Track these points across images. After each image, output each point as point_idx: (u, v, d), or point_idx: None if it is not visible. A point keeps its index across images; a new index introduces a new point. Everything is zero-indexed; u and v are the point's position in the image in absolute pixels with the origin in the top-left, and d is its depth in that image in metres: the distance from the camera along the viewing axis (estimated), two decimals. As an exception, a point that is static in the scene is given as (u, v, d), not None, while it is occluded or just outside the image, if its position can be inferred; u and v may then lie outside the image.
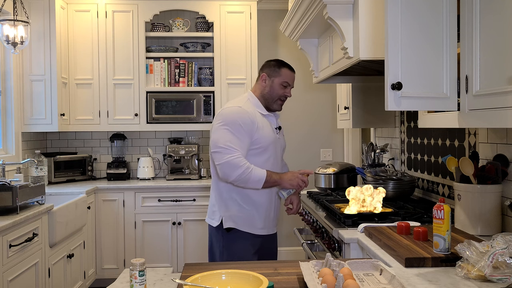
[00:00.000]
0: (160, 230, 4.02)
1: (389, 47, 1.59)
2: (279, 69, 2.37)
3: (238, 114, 2.24)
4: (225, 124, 2.22)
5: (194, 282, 1.32)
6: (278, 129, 2.41)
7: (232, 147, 2.18)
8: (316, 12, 2.36)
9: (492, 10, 1.44)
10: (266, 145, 2.28)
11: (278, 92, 2.35)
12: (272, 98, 2.36)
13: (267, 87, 2.36)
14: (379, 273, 1.45)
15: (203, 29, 4.37)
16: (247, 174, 2.16)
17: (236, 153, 2.17)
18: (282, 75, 2.36)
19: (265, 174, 2.20)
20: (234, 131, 2.20)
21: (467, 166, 1.98)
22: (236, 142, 2.19)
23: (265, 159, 2.29)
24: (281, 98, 2.37)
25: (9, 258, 2.50)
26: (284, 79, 2.36)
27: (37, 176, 3.79)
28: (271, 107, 2.38)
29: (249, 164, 2.18)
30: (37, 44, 3.88)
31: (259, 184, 2.21)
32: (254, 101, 2.35)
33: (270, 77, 2.37)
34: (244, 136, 2.21)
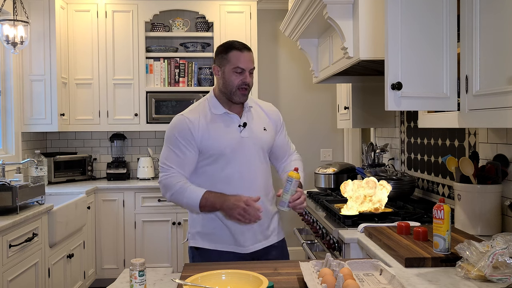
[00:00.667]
0: (160, 230, 4.02)
1: (389, 47, 1.59)
2: (226, 54, 1.95)
3: (175, 126, 1.97)
4: (165, 139, 2.01)
5: (194, 282, 1.32)
6: (243, 126, 1.99)
7: (167, 165, 1.96)
8: (316, 12, 2.36)
9: (492, 10, 1.44)
10: (219, 152, 1.94)
11: (233, 81, 1.94)
12: (229, 90, 1.96)
13: (220, 80, 1.98)
14: (379, 273, 1.45)
15: (203, 29, 4.37)
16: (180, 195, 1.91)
17: (169, 172, 1.95)
18: (230, 60, 1.94)
19: (199, 198, 1.87)
20: (171, 146, 1.96)
21: (467, 166, 1.97)
22: (173, 159, 1.95)
23: (221, 167, 1.96)
24: (240, 87, 1.94)
25: (9, 258, 2.50)
26: (234, 64, 1.93)
27: (37, 176, 3.79)
28: (233, 100, 1.98)
29: (182, 185, 1.91)
30: (37, 44, 3.88)
31: (195, 209, 1.91)
32: (211, 101, 2.02)
33: (220, 66, 1.97)
34: (183, 149, 1.94)
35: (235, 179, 1.96)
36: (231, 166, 1.96)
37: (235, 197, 1.85)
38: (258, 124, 2.05)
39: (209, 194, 1.89)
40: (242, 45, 1.96)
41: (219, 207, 1.87)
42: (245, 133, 2.00)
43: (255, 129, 2.03)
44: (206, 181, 1.98)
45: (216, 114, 1.99)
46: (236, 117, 2.01)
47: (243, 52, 1.95)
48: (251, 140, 2.00)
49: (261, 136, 2.04)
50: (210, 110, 1.99)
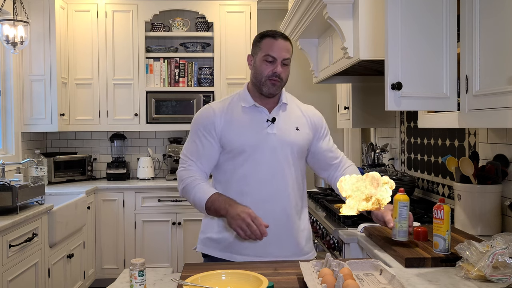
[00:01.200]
0: (160, 230, 4.02)
1: (389, 47, 1.59)
2: (259, 42, 1.81)
3: (200, 115, 1.86)
4: (190, 128, 1.89)
5: (194, 282, 1.32)
6: (271, 121, 1.82)
7: (186, 157, 1.83)
8: (316, 12, 2.36)
9: (492, 10, 1.44)
10: (238, 147, 1.78)
11: (262, 71, 1.78)
12: (259, 80, 1.80)
13: (252, 70, 1.84)
14: (379, 273, 1.45)
15: (203, 29, 4.37)
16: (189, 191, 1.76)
17: (186, 164, 1.82)
18: (262, 47, 1.79)
19: (206, 198, 1.69)
20: (193, 136, 1.84)
21: (467, 166, 1.97)
22: (192, 150, 1.82)
23: (239, 164, 1.79)
24: (270, 78, 1.78)
25: (9, 258, 2.50)
26: (265, 51, 1.77)
27: (37, 176, 3.79)
28: (262, 91, 1.81)
29: (193, 180, 1.76)
30: (37, 44, 3.88)
31: (201, 209, 1.74)
32: (242, 94, 1.87)
33: (254, 55, 1.84)
34: (204, 140, 1.81)
35: (253, 180, 1.79)
36: (250, 164, 1.78)
37: (242, 207, 1.62)
38: (290, 122, 1.86)
39: (218, 196, 1.70)
40: (278, 33, 1.80)
41: (223, 213, 1.65)
42: (273, 129, 1.80)
43: (285, 127, 1.83)
44: (226, 177, 1.83)
45: (244, 106, 1.83)
46: (265, 111, 1.83)
47: (277, 40, 1.78)
48: (278, 138, 1.81)
49: (291, 136, 1.83)
50: (239, 103, 1.84)
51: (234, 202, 1.66)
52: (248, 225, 1.57)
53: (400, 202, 1.68)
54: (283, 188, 1.81)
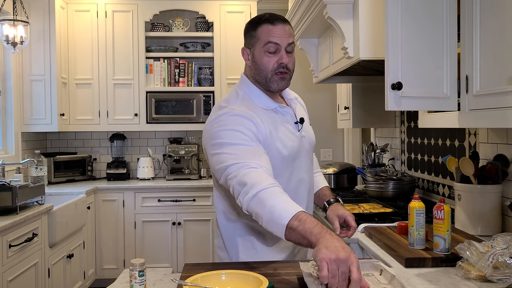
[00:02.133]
0: (160, 230, 4.02)
1: (389, 47, 1.59)
2: (255, 31, 1.53)
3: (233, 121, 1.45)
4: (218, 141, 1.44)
5: (194, 282, 1.32)
6: (299, 122, 1.58)
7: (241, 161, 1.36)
8: (316, 12, 2.36)
9: (492, 10, 1.44)
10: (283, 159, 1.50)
11: (266, 65, 1.51)
12: (263, 77, 1.53)
13: (252, 65, 1.56)
14: (379, 273, 1.45)
15: (203, 29, 4.37)
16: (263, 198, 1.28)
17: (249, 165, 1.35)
18: (260, 37, 1.51)
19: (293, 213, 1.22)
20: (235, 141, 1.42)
21: (467, 166, 1.97)
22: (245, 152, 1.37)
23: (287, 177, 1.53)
24: (277, 71, 1.52)
25: (9, 258, 2.50)
26: (265, 40, 1.50)
27: (37, 176, 3.79)
28: (271, 89, 1.54)
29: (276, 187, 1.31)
30: (37, 44, 3.88)
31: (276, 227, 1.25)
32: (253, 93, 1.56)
33: (250, 47, 1.56)
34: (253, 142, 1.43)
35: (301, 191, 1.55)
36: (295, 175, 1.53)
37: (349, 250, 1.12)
38: (306, 119, 1.65)
39: (308, 216, 1.23)
40: (274, 16, 1.52)
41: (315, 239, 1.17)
42: (303, 131, 1.60)
43: (305, 125, 1.63)
44: None
45: (266, 109, 1.53)
46: (289, 112, 1.58)
47: (276, 25, 1.49)
48: (307, 140, 1.62)
49: (312, 134, 1.68)
50: (258, 105, 1.52)
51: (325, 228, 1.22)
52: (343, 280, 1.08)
53: (416, 210, 1.66)
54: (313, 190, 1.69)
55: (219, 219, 1.61)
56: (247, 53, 1.58)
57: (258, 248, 1.54)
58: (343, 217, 1.55)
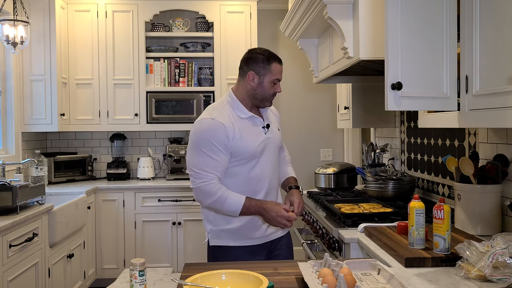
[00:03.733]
0: (160, 230, 4.02)
1: (389, 47, 1.59)
2: (268, 65, 2.02)
3: (209, 130, 1.96)
4: (196, 143, 1.97)
5: (194, 282, 1.32)
6: (266, 127, 2.10)
7: (204, 171, 1.94)
8: (316, 12, 2.36)
9: (492, 10, 1.44)
10: (250, 154, 2.00)
11: (269, 91, 2.05)
12: (263, 98, 2.06)
13: (257, 88, 2.04)
14: (377, 273, 1.45)
15: (203, 29, 4.37)
16: (220, 203, 1.94)
17: (208, 178, 1.94)
18: (272, 72, 2.03)
19: (241, 206, 1.94)
20: (207, 151, 1.94)
21: (467, 166, 1.97)
22: (210, 164, 1.94)
23: (250, 168, 2.03)
24: (272, 96, 2.09)
25: (9, 258, 2.50)
26: (275, 76, 2.04)
27: (37, 176, 3.79)
28: (262, 105, 2.09)
29: (223, 192, 1.94)
30: (37, 44, 3.88)
31: (235, 214, 1.98)
32: (234, 104, 2.05)
33: (260, 75, 2.03)
34: (219, 154, 1.95)
35: (260, 179, 2.06)
36: (258, 167, 2.04)
37: (276, 211, 1.95)
38: (274, 124, 2.17)
39: (250, 202, 1.96)
40: (279, 58, 2.08)
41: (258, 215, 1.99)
42: (269, 133, 2.10)
43: (274, 129, 2.15)
44: (235, 180, 2.03)
45: (241, 117, 2.04)
46: (259, 119, 2.09)
47: (281, 66, 2.08)
48: (273, 140, 2.12)
49: (277, 136, 2.17)
50: (236, 114, 2.04)
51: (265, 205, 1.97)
52: (285, 225, 1.96)
53: (416, 210, 1.68)
54: (276, 179, 2.18)
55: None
56: (255, 77, 2.04)
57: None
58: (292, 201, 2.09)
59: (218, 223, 2.07)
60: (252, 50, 2.09)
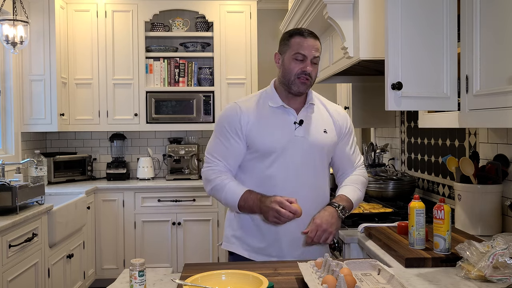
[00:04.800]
0: (160, 230, 4.01)
1: (389, 47, 1.59)
2: (288, 40, 1.79)
3: (226, 113, 1.83)
4: (215, 127, 1.86)
5: (194, 282, 1.32)
6: (299, 123, 1.80)
7: (212, 156, 1.82)
8: (316, 12, 2.36)
9: (492, 10, 1.44)
10: (266, 149, 1.77)
11: (292, 69, 1.76)
12: (287, 79, 1.78)
13: (281, 69, 1.81)
14: (377, 273, 1.45)
15: (203, 29, 4.37)
16: (218, 191, 1.77)
17: (212, 164, 1.81)
18: (292, 46, 1.77)
19: (238, 198, 1.72)
20: (219, 135, 1.82)
21: (467, 166, 1.97)
22: (218, 149, 1.81)
23: (266, 165, 1.78)
24: (299, 76, 1.76)
25: (9, 258, 2.50)
26: (295, 50, 1.75)
27: (37, 176, 3.79)
28: (292, 90, 1.79)
29: (222, 180, 1.76)
30: (36, 44, 3.88)
31: (233, 208, 1.78)
32: (269, 92, 1.85)
33: (282, 53, 1.82)
34: (230, 139, 1.79)
35: (279, 181, 1.78)
36: (277, 166, 1.78)
37: (270, 199, 1.67)
38: (318, 125, 1.84)
39: (249, 194, 1.73)
40: (307, 32, 1.79)
41: (257, 211, 1.72)
42: (300, 131, 1.80)
43: (313, 129, 1.82)
44: (250, 178, 1.82)
45: (272, 106, 1.81)
46: (293, 112, 1.81)
47: (307, 38, 1.76)
48: (306, 141, 1.80)
49: (319, 138, 1.82)
50: (267, 102, 1.82)
51: (264, 197, 1.70)
52: (278, 212, 1.62)
53: (416, 210, 1.67)
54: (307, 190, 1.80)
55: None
56: (278, 58, 1.84)
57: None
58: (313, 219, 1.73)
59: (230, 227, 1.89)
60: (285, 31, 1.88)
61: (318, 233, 1.68)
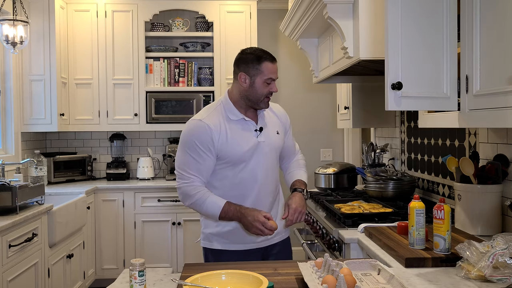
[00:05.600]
0: (160, 230, 4.02)
1: (389, 47, 1.59)
2: (259, 64, 1.96)
3: (194, 132, 1.94)
4: (182, 143, 1.97)
5: (194, 282, 1.32)
6: (259, 130, 2.02)
7: (187, 172, 1.94)
8: (316, 12, 2.36)
9: (492, 9, 1.44)
10: (237, 158, 1.96)
11: (263, 91, 1.97)
12: (257, 99, 1.99)
13: (249, 89, 1.98)
14: (377, 273, 1.45)
15: (203, 29, 4.37)
16: (199, 205, 1.93)
17: (189, 180, 1.94)
18: (263, 71, 1.95)
19: (220, 209, 1.90)
20: (190, 152, 1.94)
21: (467, 166, 1.97)
22: (192, 166, 1.94)
23: (238, 171, 1.98)
24: (268, 96, 2.00)
25: (9, 258, 2.50)
26: (268, 75, 1.95)
27: (37, 176, 3.79)
28: (258, 107, 2.02)
29: (202, 195, 1.92)
30: (36, 44, 3.88)
31: (214, 217, 1.96)
32: (227, 106, 2.02)
33: (251, 76, 1.97)
34: (202, 156, 1.93)
35: (250, 183, 2.00)
36: (247, 170, 1.99)
37: (253, 215, 1.87)
38: (272, 128, 2.08)
39: (229, 207, 1.91)
40: (271, 56, 1.99)
41: (237, 221, 1.94)
42: (262, 137, 2.02)
43: (270, 133, 2.06)
44: (222, 184, 2.00)
45: (232, 119, 1.99)
46: (252, 122, 2.03)
47: (274, 64, 1.98)
48: (267, 144, 2.03)
49: (275, 140, 2.07)
50: (227, 116, 2.00)
51: (243, 210, 1.90)
52: (262, 231, 1.87)
53: (416, 210, 1.68)
54: (270, 185, 2.07)
55: None
56: (246, 78, 1.99)
57: None
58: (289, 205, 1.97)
59: (208, 226, 2.07)
60: (243, 51, 2.05)
61: (296, 215, 1.94)
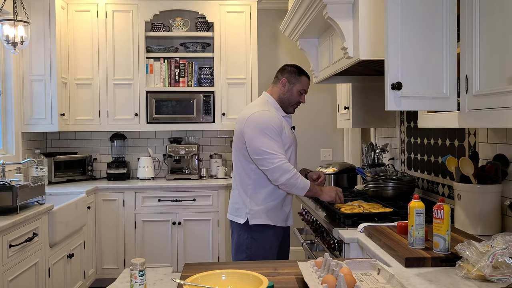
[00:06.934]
0: (160, 230, 4.02)
1: (389, 47, 1.59)
2: (299, 76, 2.50)
3: (270, 118, 2.36)
4: (261, 130, 2.32)
5: (194, 282, 1.32)
6: (293, 128, 2.55)
7: (277, 151, 2.30)
8: (316, 12, 2.36)
9: (492, 10, 1.45)
10: (289, 145, 2.43)
11: (296, 98, 2.49)
12: (289, 103, 2.50)
13: (286, 93, 2.49)
14: (377, 273, 1.46)
15: (203, 29, 4.37)
16: (295, 180, 2.30)
17: (282, 157, 2.30)
18: (301, 82, 2.49)
19: (309, 184, 2.35)
20: (271, 134, 2.32)
21: (467, 166, 1.97)
22: (278, 147, 2.32)
23: (287, 157, 2.40)
24: (297, 104, 2.52)
25: (9, 258, 2.50)
26: (303, 87, 2.49)
27: (37, 176, 3.79)
28: (287, 110, 2.51)
29: (296, 172, 2.32)
30: (37, 44, 3.88)
31: (303, 192, 2.35)
32: (273, 104, 2.48)
33: (290, 83, 2.48)
34: (279, 138, 2.35)
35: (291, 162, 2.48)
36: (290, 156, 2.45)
37: (331, 187, 2.49)
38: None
39: (312, 186, 2.40)
40: (308, 75, 2.55)
41: (319, 192, 2.42)
42: (294, 134, 2.55)
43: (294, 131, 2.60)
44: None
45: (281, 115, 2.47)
46: (289, 121, 2.55)
47: (309, 80, 2.55)
48: (295, 140, 2.56)
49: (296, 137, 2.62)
50: (277, 112, 2.45)
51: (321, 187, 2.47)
52: (340, 197, 2.47)
53: (416, 210, 1.68)
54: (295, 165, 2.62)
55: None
56: (286, 83, 2.50)
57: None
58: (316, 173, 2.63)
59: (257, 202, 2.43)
60: (287, 64, 2.56)
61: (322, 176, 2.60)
